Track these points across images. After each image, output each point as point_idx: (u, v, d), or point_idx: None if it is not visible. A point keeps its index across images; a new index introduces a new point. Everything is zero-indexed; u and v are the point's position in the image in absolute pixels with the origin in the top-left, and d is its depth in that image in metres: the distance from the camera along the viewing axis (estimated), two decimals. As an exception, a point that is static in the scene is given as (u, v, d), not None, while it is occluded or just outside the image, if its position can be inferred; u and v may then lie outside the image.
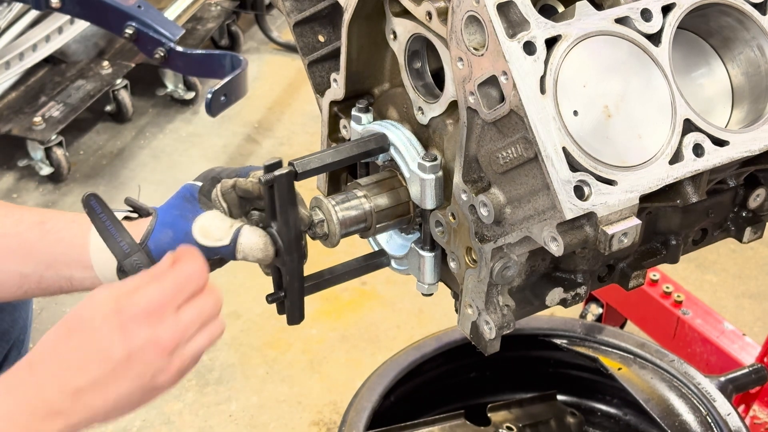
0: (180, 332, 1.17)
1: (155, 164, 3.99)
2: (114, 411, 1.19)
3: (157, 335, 1.16)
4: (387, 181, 1.32)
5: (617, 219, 1.08)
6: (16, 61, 3.81)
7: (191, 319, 1.19)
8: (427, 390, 2.11)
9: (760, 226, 1.41)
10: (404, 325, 3.22)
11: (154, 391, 1.19)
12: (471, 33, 1.10)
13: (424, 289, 1.36)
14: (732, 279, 3.44)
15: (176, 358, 1.18)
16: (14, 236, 1.43)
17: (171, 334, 1.17)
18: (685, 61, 1.23)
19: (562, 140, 1.06)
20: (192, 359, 1.20)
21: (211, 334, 1.21)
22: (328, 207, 1.28)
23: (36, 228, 1.43)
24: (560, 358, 2.14)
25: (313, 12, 1.42)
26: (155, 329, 1.16)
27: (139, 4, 3.73)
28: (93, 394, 1.16)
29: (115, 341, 1.15)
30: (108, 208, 1.35)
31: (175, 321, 1.17)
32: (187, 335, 1.18)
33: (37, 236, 1.43)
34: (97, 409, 1.17)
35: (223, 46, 4.74)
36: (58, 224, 1.43)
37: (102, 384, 1.16)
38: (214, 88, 3.43)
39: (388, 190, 1.31)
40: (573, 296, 1.31)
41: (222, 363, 3.07)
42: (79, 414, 1.16)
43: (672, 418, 1.91)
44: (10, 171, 3.89)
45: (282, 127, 4.23)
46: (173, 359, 1.17)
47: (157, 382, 1.18)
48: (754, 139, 1.16)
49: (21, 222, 1.44)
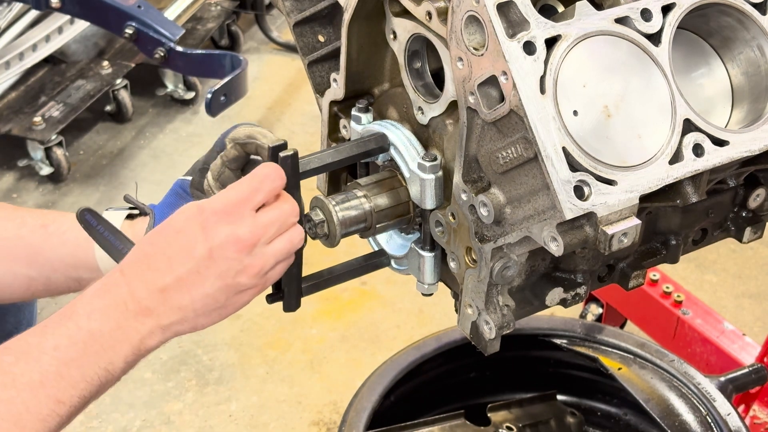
0: (259, 230, 1.18)
1: (155, 164, 3.99)
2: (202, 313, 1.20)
3: (236, 232, 1.17)
4: (387, 181, 1.32)
5: (617, 219, 1.08)
6: (16, 61, 3.81)
7: (270, 219, 1.19)
8: (427, 390, 2.11)
9: (760, 226, 1.41)
10: (404, 325, 3.22)
11: (239, 295, 1.20)
12: (471, 33, 1.10)
13: (424, 289, 1.36)
14: (732, 279, 3.44)
15: (257, 258, 1.18)
16: (18, 240, 1.45)
17: (250, 232, 1.18)
18: (685, 61, 1.23)
19: (561, 140, 1.06)
20: (274, 259, 1.20)
21: (291, 239, 1.22)
22: (328, 207, 1.28)
23: (39, 231, 1.44)
24: (560, 358, 2.14)
25: (313, 12, 1.42)
26: (234, 226, 1.17)
27: (139, 4, 3.74)
28: (178, 292, 1.18)
29: (197, 239, 1.18)
30: (103, 218, 1.37)
31: (253, 220, 1.18)
32: (267, 235, 1.19)
33: (41, 240, 1.44)
34: (185, 308, 1.19)
35: (223, 46, 4.74)
36: (61, 227, 1.45)
37: (186, 282, 1.18)
38: (214, 88, 3.43)
39: (388, 190, 1.31)
40: (573, 296, 1.31)
41: (222, 363, 3.07)
42: (169, 314, 1.19)
43: (672, 418, 1.91)
44: (10, 171, 3.89)
45: (282, 127, 4.23)
46: (254, 259, 1.18)
47: (240, 282, 1.19)
48: (754, 139, 1.16)
49: (24, 225, 1.45)
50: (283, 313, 1.34)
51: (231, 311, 1.22)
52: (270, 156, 1.23)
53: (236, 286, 1.19)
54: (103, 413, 2.89)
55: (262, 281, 1.21)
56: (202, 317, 1.21)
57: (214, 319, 1.22)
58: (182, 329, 1.21)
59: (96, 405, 2.90)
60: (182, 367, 3.05)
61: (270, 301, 1.31)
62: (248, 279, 1.19)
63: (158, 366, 3.05)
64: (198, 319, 1.21)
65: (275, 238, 1.20)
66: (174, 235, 1.20)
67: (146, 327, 1.19)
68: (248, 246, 1.18)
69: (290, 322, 3.19)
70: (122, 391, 2.96)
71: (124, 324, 1.19)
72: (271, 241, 1.20)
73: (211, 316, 1.21)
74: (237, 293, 1.20)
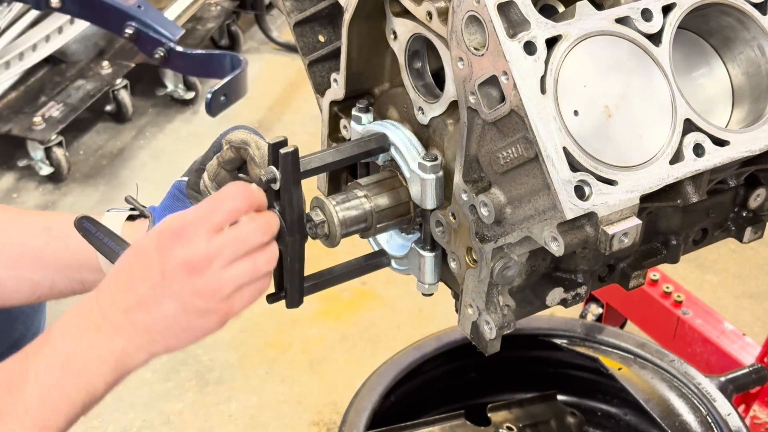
0: (211, 252, 1.15)
1: (155, 164, 3.99)
2: (169, 334, 1.19)
3: (185, 254, 1.16)
4: (387, 181, 1.32)
5: (618, 219, 1.08)
6: (16, 61, 3.81)
7: (225, 240, 1.16)
8: (427, 390, 2.11)
9: (761, 226, 1.41)
10: (404, 325, 3.22)
11: (203, 318, 1.18)
12: (471, 33, 1.10)
13: (424, 289, 1.36)
14: (732, 279, 3.44)
15: (210, 281, 1.16)
16: (21, 244, 1.46)
17: (200, 254, 1.15)
18: (686, 61, 1.23)
19: (562, 140, 1.06)
20: (232, 283, 1.17)
21: (254, 261, 1.18)
22: (328, 207, 1.28)
23: (42, 235, 1.45)
24: (560, 358, 2.14)
25: (314, 12, 1.42)
26: (186, 249, 1.16)
27: (139, 4, 3.73)
28: (140, 312, 1.19)
29: (152, 261, 1.17)
30: (101, 225, 1.38)
31: (206, 242, 1.15)
32: (222, 257, 1.16)
33: (44, 243, 1.45)
34: (149, 329, 1.19)
35: (223, 46, 4.74)
36: (64, 229, 1.45)
37: (146, 303, 1.18)
38: (214, 88, 3.43)
39: (389, 190, 1.31)
40: (573, 296, 1.31)
41: (222, 363, 3.07)
42: (136, 334, 1.19)
43: (672, 418, 1.91)
44: (10, 171, 3.89)
45: (282, 127, 4.23)
46: (207, 281, 1.16)
47: (197, 306, 1.17)
48: (755, 139, 1.16)
49: (28, 229, 1.47)
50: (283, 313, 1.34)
51: (200, 334, 1.21)
52: (270, 153, 1.23)
53: (195, 310, 1.18)
54: (103, 413, 2.89)
55: (225, 306, 1.18)
56: (170, 338, 1.20)
57: (183, 341, 1.21)
58: (156, 350, 1.21)
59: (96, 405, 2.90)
60: (182, 367, 3.05)
61: (270, 301, 1.31)
62: (204, 302, 1.17)
63: (158, 366, 3.05)
64: (167, 340, 1.20)
65: (235, 261, 1.17)
66: (136, 256, 1.21)
67: (118, 346, 1.20)
68: (198, 268, 1.15)
69: (290, 322, 3.19)
70: (122, 391, 2.96)
71: (96, 344, 1.20)
72: (230, 263, 1.17)
73: (180, 338, 1.21)
74: (199, 316, 1.19)
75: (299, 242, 1.26)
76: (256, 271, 1.19)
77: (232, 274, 1.17)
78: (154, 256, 1.17)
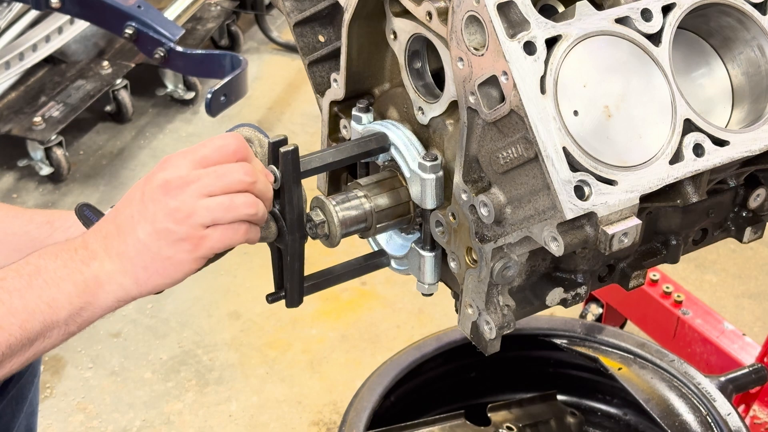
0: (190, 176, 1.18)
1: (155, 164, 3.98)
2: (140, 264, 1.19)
3: (165, 175, 1.19)
4: (387, 181, 1.32)
5: (617, 219, 1.08)
6: (16, 61, 3.81)
7: (207, 171, 1.18)
8: (427, 390, 2.11)
9: (760, 226, 1.41)
10: (404, 325, 3.22)
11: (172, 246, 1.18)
12: (471, 33, 1.10)
13: (424, 289, 1.36)
14: (732, 279, 3.44)
15: (183, 203, 1.17)
16: (24, 235, 1.50)
17: (178, 175, 1.18)
18: (686, 61, 1.23)
19: (562, 140, 1.06)
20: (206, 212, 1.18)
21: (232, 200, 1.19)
22: (328, 207, 1.28)
23: (45, 227, 1.49)
24: (560, 358, 2.14)
25: (314, 12, 1.42)
26: (167, 172, 1.19)
27: (139, 4, 3.73)
28: (116, 238, 1.21)
29: (137, 189, 1.21)
30: (102, 213, 1.40)
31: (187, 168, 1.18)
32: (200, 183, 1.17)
33: (46, 234, 1.49)
34: (122, 255, 1.20)
35: (223, 46, 4.74)
36: (66, 222, 1.50)
37: (123, 227, 1.20)
38: (214, 88, 3.43)
39: (389, 190, 1.31)
40: (573, 296, 1.31)
41: (222, 363, 3.07)
42: (110, 260, 1.20)
43: (672, 418, 1.91)
44: (10, 171, 3.89)
45: (282, 127, 4.23)
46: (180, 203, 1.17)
47: (168, 229, 1.18)
48: (755, 139, 1.16)
49: (31, 222, 1.52)
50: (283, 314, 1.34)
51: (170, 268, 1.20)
52: (270, 152, 1.24)
53: (166, 233, 1.18)
54: (103, 413, 2.89)
55: (196, 235, 1.18)
56: (140, 269, 1.20)
57: (152, 274, 1.20)
58: (126, 283, 1.21)
59: (96, 405, 2.90)
60: (182, 367, 3.05)
61: (270, 301, 1.31)
62: (175, 225, 1.17)
63: (158, 366, 3.05)
64: (137, 270, 1.20)
65: (212, 195, 1.18)
66: (128, 194, 1.24)
67: (90, 270, 1.20)
68: (173, 188, 1.18)
69: (290, 322, 3.19)
70: (122, 391, 2.96)
71: (70, 264, 1.21)
72: (207, 193, 1.18)
73: (149, 270, 1.20)
74: (170, 243, 1.18)
75: (299, 241, 1.26)
76: (232, 209, 1.19)
77: (206, 203, 1.18)
78: (141, 183, 1.21)
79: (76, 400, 2.94)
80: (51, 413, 2.88)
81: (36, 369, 1.79)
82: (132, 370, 3.03)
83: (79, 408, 2.92)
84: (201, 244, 1.19)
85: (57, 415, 2.89)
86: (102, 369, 3.03)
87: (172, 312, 3.23)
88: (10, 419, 1.70)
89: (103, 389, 2.97)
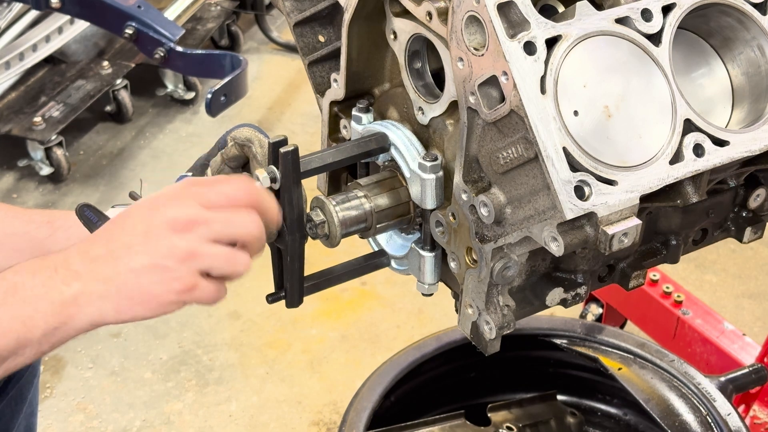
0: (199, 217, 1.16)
1: (155, 164, 3.99)
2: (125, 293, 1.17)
3: (174, 213, 1.16)
4: (387, 181, 1.32)
5: (617, 219, 1.08)
6: (16, 61, 3.81)
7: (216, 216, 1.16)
8: (427, 390, 2.11)
9: (760, 226, 1.41)
10: (404, 325, 3.22)
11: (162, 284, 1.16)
12: (471, 33, 1.10)
13: (424, 289, 1.36)
14: (732, 279, 3.44)
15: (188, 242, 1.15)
16: (24, 235, 1.49)
17: (186, 214, 1.16)
18: (686, 61, 1.23)
19: (562, 140, 1.06)
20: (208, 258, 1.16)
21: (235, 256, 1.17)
22: (328, 207, 1.28)
23: (45, 227, 1.49)
24: (560, 358, 2.14)
25: (314, 12, 1.42)
26: (176, 209, 1.16)
27: (139, 4, 3.74)
28: (106, 263, 1.17)
29: (141, 219, 1.18)
30: (103, 214, 1.39)
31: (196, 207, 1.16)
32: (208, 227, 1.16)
33: (47, 234, 1.48)
34: (108, 280, 1.16)
35: (223, 46, 4.74)
36: (66, 222, 1.49)
37: (116, 254, 1.17)
38: (214, 88, 3.43)
39: (389, 190, 1.31)
40: (573, 296, 1.31)
41: (222, 363, 3.07)
42: (93, 282, 1.17)
43: (672, 418, 1.91)
44: (10, 171, 3.89)
45: (282, 127, 4.23)
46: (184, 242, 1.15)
47: (166, 266, 1.15)
48: (755, 139, 1.16)
49: (31, 222, 1.51)
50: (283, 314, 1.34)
51: (154, 306, 1.18)
52: (270, 152, 1.23)
53: (162, 270, 1.15)
54: (103, 413, 2.89)
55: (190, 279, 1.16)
56: (124, 299, 1.17)
57: (134, 307, 1.18)
58: (105, 308, 1.17)
59: (96, 405, 2.90)
60: (182, 367, 3.05)
61: (270, 301, 1.31)
62: (174, 264, 1.15)
63: (158, 366, 3.05)
64: (119, 299, 1.17)
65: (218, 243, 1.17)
66: (126, 216, 1.20)
67: (70, 290, 1.17)
68: (182, 228, 1.15)
69: (290, 322, 3.19)
70: (122, 391, 2.96)
71: (48, 283, 1.17)
72: (213, 240, 1.16)
73: (132, 302, 1.17)
74: (161, 281, 1.16)
75: (299, 242, 1.26)
76: (231, 264, 1.18)
77: (210, 250, 1.16)
78: (144, 213, 1.18)
79: (76, 400, 2.94)
80: (51, 413, 2.88)
81: (36, 369, 1.79)
82: (132, 370, 3.03)
83: (79, 408, 2.92)
84: (191, 291, 1.18)
85: (57, 415, 2.89)
86: (102, 369, 3.03)
87: (172, 312, 3.23)
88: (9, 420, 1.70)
89: (103, 389, 2.97)
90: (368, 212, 1.30)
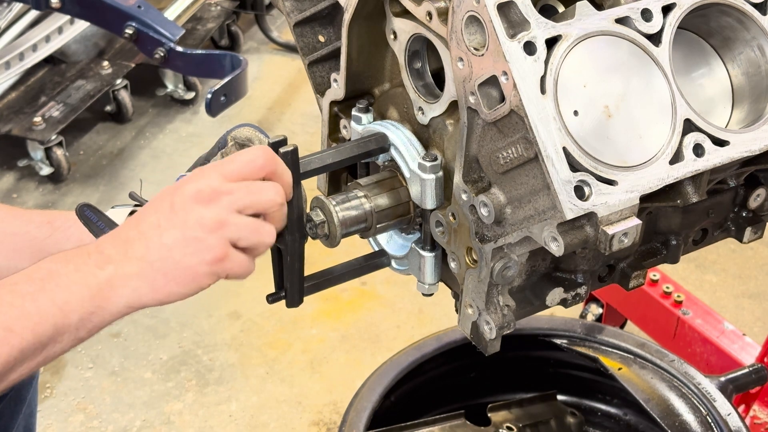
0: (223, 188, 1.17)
1: (155, 164, 3.99)
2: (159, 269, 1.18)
3: (197, 185, 1.18)
4: (387, 181, 1.32)
5: (617, 219, 1.08)
6: (16, 61, 3.81)
7: (238, 185, 1.18)
8: (427, 390, 2.11)
9: (761, 226, 1.41)
10: (404, 325, 3.22)
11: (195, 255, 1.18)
12: (471, 33, 1.10)
13: (425, 289, 1.36)
14: (732, 279, 3.44)
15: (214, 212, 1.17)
16: (24, 235, 1.49)
17: (210, 186, 1.18)
18: (686, 61, 1.23)
19: (562, 140, 1.06)
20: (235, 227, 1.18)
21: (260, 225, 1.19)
22: (328, 207, 1.28)
23: (45, 227, 1.49)
24: (560, 358, 2.14)
25: (314, 12, 1.42)
26: (198, 182, 1.18)
27: (139, 4, 3.74)
28: (138, 242, 1.19)
29: (166, 198, 1.20)
30: (103, 214, 1.39)
31: (219, 180, 1.18)
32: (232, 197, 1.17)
33: (47, 234, 1.49)
34: (142, 258, 1.18)
35: (223, 46, 4.74)
36: (66, 222, 1.50)
37: (147, 233, 1.19)
38: (214, 88, 3.43)
39: (389, 190, 1.31)
40: (573, 296, 1.31)
41: (222, 363, 3.07)
42: (127, 263, 1.19)
43: (672, 418, 1.91)
44: (10, 171, 3.89)
45: (282, 127, 4.23)
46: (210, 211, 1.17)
47: (196, 237, 1.17)
48: (755, 139, 1.16)
49: (31, 222, 1.51)
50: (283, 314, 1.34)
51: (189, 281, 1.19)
52: None
53: (194, 241, 1.17)
54: (103, 413, 2.89)
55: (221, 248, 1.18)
56: (159, 276, 1.18)
57: (170, 282, 1.19)
58: (141, 288, 1.19)
59: (96, 405, 2.90)
60: (182, 367, 3.05)
61: (270, 301, 1.31)
62: (205, 233, 1.17)
63: (158, 366, 3.05)
64: (156, 277, 1.18)
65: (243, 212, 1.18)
66: (152, 201, 1.23)
67: (105, 273, 1.19)
68: (207, 199, 1.17)
69: (290, 322, 3.19)
70: (122, 391, 2.96)
71: (83, 268, 1.19)
72: (238, 209, 1.18)
73: (168, 277, 1.19)
74: (194, 253, 1.17)
75: (299, 242, 1.26)
76: (258, 233, 1.20)
77: (237, 219, 1.18)
78: (169, 193, 1.20)
79: (76, 400, 2.94)
80: (51, 413, 2.88)
81: None
82: (132, 370, 3.03)
83: (79, 408, 2.92)
84: (222, 261, 1.19)
85: (57, 415, 2.89)
86: (102, 369, 3.03)
87: (172, 312, 3.23)
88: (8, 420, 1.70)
89: (103, 389, 2.97)
90: (368, 212, 1.30)
